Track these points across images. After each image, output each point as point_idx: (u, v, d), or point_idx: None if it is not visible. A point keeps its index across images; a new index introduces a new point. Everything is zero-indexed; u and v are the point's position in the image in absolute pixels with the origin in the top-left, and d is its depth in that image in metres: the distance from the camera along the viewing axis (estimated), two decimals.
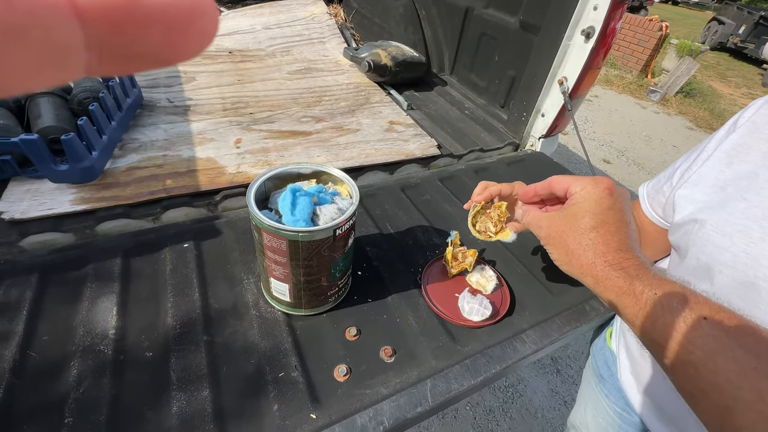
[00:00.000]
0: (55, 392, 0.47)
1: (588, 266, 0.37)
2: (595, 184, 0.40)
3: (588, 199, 0.40)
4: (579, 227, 0.38)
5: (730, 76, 6.09)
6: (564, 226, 0.40)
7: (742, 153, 0.48)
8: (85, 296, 0.58)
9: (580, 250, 0.37)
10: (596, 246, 0.37)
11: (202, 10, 0.10)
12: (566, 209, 0.41)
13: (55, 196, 0.74)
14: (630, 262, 0.36)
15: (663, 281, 0.34)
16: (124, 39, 0.09)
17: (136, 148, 0.90)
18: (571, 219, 0.40)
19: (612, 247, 0.37)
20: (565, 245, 0.39)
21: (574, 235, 0.38)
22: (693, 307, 0.32)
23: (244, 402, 0.49)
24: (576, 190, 0.41)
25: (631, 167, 3.14)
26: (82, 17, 0.08)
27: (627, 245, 0.37)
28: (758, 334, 0.30)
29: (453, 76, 1.52)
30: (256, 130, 1.03)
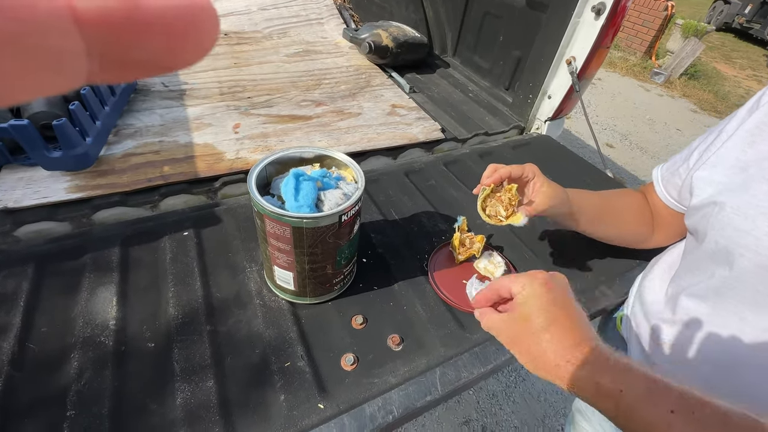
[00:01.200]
0: (56, 385, 0.46)
1: (554, 369, 0.35)
2: (532, 282, 0.39)
3: (530, 299, 0.38)
4: (532, 329, 0.37)
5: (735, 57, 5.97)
6: (518, 330, 0.38)
7: (766, 131, 0.46)
8: (83, 286, 0.57)
9: (542, 354, 0.36)
10: (554, 347, 0.35)
11: (203, 17, 0.10)
12: (515, 312, 0.39)
13: (50, 184, 0.71)
14: (590, 356, 0.34)
15: (625, 374, 0.32)
16: (124, 46, 0.09)
17: (131, 134, 0.87)
18: (522, 322, 0.38)
19: (567, 344, 0.35)
20: (526, 350, 0.37)
21: (531, 338, 0.37)
22: (658, 402, 0.30)
23: (249, 392, 0.48)
24: (517, 291, 0.39)
25: (634, 151, 3.11)
26: (81, 24, 0.08)
27: (581, 337, 0.35)
28: (728, 421, 0.28)
29: (456, 58, 1.48)
30: (254, 115, 1.00)
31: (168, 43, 0.10)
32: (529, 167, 0.57)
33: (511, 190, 0.56)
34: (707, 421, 0.29)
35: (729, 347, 0.45)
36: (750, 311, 0.43)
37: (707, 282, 0.47)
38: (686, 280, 0.52)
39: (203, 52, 0.10)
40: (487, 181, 0.57)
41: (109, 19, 0.09)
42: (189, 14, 0.10)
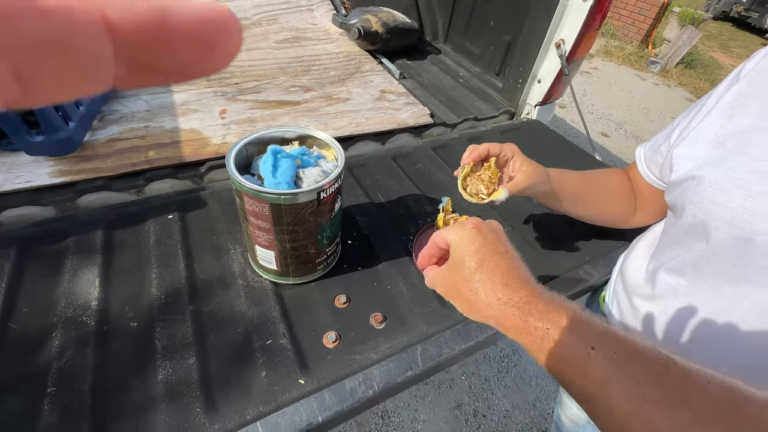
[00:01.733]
0: (38, 363, 0.46)
1: (485, 308, 0.35)
2: (463, 227, 0.39)
3: (461, 243, 0.38)
4: (464, 273, 0.37)
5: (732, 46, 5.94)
6: (453, 276, 0.38)
7: (744, 105, 0.46)
8: (66, 269, 0.57)
9: (474, 296, 0.36)
10: (485, 286, 0.35)
11: (228, 28, 0.10)
12: (449, 260, 0.39)
13: (32, 169, 0.71)
14: (520, 293, 0.34)
15: (553, 312, 0.32)
16: (152, 54, 0.09)
17: (116, 119, 0.86)
18: (455, 267, 0.38)
19: (498, 282, 0.35)
20: (460, 295, 0.37)
21: (464, 282, 0.37)
22: (582, 338, 0.30)
23: (231, 369, 0.48)
24: (451, 238, 0.39)
25: (629, 140, 3.11)
26: (113, 33, 0.09)
27: (512, 276, 0.35)
28: (647, 359, 0.28)
29: (447, 44, 1.47)
30: (241, 101, 0.99)
31: (194, 52, 0.10)
32: (508, 146, 0.57)
33: (491, 167, 0.56)
34: (625, 357, 0.29)
35: (707, 320, 0.46)
36: (726, 284, 0.43)
37: (684, 256, 0.48)
38: (665, 255, 0.52)
39: (227, 61, 0.11)
40: (466, 160, 0.57)
41: (140, 29, 0.09)
42: (215, 26, 0.10)
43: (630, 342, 0.29)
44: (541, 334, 0.32)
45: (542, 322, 0.32)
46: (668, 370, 0.27)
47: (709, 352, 0.46)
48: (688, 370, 0.27)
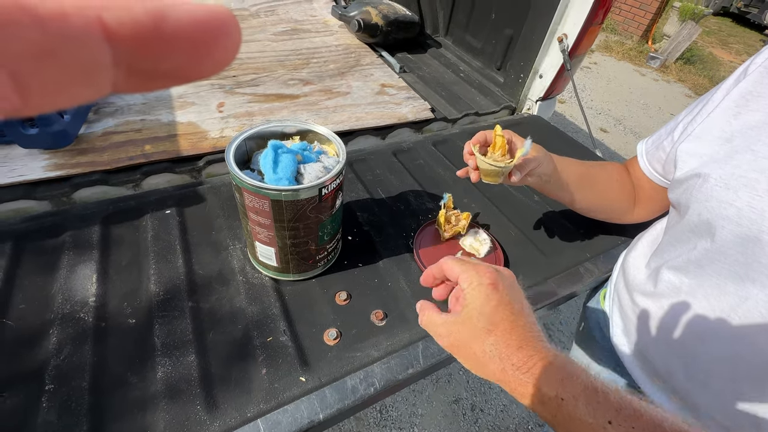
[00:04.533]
0: (35, 360, 0.46)
1: (499, 372, 0.33)
2: (480, 281, 0.36)
3: (476, 299, 0.35)
4: (476, 332, 0.35)
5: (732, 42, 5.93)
6: (464, 333, 0.35)
7: (752, 101, 0.45)
8: (62, 264, 0.56)
9: (487, 358, 0.34)
10: (499, 350, 0.33)
11: (226, 30, 0.10)
12: (462, 313, 0.36)
13: (27, 162, 0.70)
14: (535, 359, 0.32)
15: (567, 380, 0.31)
16: (150, 58, 0.09)
17: (111, 112, 0.85)
18: (468, 323, 0.35)
19: (513, 347, 0.33)
20: (470, 353, 0.35)
21: (475, 342, 0.35)
22: (598, 410, 0.29)
23: (231, 366, 0.48)
24: (464, 287, 0.36)
25: (627, 136, 3.10)
26: (110, 37, 0.08)
27: (527, 338, 0.34)
28: None
29: (447, 38, 1.45)
30: (239, 94, 0.97)
31: (193, 55, 0.10)
32: (505, 131, 0.56)
33: (496, 145, 0.54)
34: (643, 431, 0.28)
35: (709, 318, 0.45)
36: (731, 282, 0.43)
37: (688, 254, 0.48)
38: (668, 253, 0.52)
39: (226, 63, 0.11)
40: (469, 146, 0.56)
41: (137, 33, 0.09)
42: (213, 27, 0.10)
43: (648, 417, 0.28)
44: (556, 405, 0.30)
45: (556, 391, 0.31)
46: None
47: (711, 350, 0.46)
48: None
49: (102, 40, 0.08)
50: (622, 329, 0.59)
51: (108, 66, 0.09)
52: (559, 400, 0.30)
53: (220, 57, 0.11)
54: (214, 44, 0.10)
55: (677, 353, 0.50)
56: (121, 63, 0.09)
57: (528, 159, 0.53)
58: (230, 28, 0.10)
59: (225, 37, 0.10)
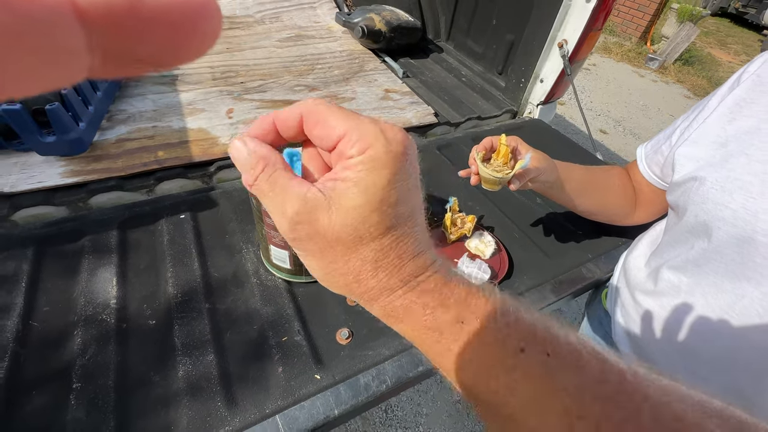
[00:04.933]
0: (61, 359, 0.48)
1: (376, 290, 0.22)
2: (387, 144, 0.20)
3: (383, 170, 0.20)
4: (372, 223, 0.20)
5: (730, 42, 5.97)
6: (342, 221, 0.20)
7: (745, 108, 0.47)
8: (83, 268, 0.58)
9: (369, 266, 0.21)
10: (390, 256, 0.21)
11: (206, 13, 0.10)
12: (351, 189, 0.20)
13: (44, 169, 0.72)
14: (431, 270, 0.22)
15: (471, 298, 0.22)
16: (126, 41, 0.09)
17: (124, 119, 0.87)
18: (361, 208, 0.20)
19: (410, 253, 0.22)
20: (342, 255, 0.21)
21: (363, 239, 0.21)
22: (507, 337, 0.21)
23: (248, 365, 0.50)
24: (354, 152, 0.20)
25: (627, 137, 3.13)
26: (84, 18, 0.08)
27: (427, 241, 0.23)
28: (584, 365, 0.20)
29: (449, 43, 1.48)
30: (247, 100, 1.00)
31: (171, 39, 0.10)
32: (512, 137, 0.58)
33: (500, 153, 0.56)
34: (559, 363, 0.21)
35: (708, 316, 0.47)
36: (728, 281, 0.45)
37: (687, 254, 0.50)
38: (667, 253, 0.54)
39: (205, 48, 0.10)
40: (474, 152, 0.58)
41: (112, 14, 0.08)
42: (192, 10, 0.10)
43: (567, 342, 0.21)
44: (454, 332, 0.21)
45: (457, 312, 0.22)
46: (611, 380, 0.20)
47: (710, 347, 0.47)
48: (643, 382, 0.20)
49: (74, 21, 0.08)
50: (623, 328, 0.61)
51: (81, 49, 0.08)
52: (459, 324, 0.21)
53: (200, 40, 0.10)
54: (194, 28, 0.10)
55: (677, 350, 0.51)
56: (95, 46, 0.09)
57: (528, 169, 0.55)
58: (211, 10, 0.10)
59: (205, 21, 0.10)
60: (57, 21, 0.08)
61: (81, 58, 0.09)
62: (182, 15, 0.09)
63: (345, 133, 0.20)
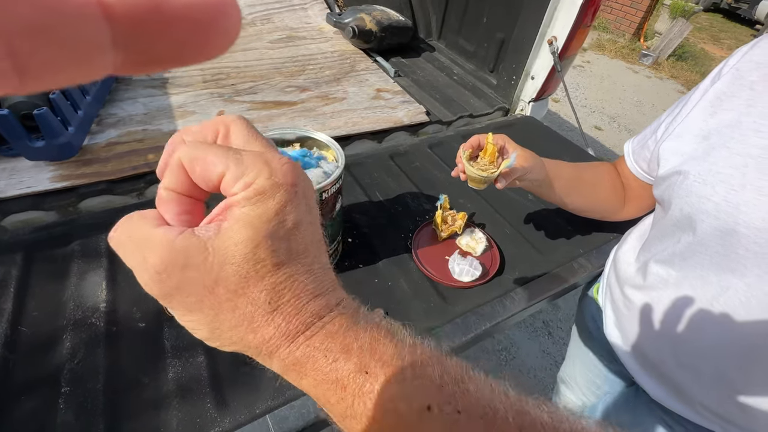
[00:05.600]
0: (50, 364, 0.48)
1: (275, 339, 0.19)
2: (273, 178, 0.18)
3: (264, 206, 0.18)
4: (252, 266, 0.18)
5: (723, 38, 6.00)
6: (220, 266, 0.18)
7: (726, 101, 0.48)
8: (72, 272, 0.58)
9: (259, 313, 0.19)
10: (282, 300, 0.19)
11: (226, 11, 0.10)
12: (227, 231, 0.18)
13: (33, 174, 0.72)
14: (334, 313, 0.20)
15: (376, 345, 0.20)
16: (149, 38, 0.09)
17: (114, 123, 0.87)
18: (236, 250, 0.18)
19: (308, 293, 0.20)
20: (224, 303, 0.19)
21: (247, 284, 0.18)
22: (414, 393, 0.19)
23: (239, 366, 0.49)
24: (236, 189, 0.18)
25: (622, 133, 3.14)
26: (109, 15, 0.08)
27: (328, 281, 0.21)
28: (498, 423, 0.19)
29: (440, 41, 1.48)
30: (238, 102, 1.00)
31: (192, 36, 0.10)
32: (500, 135, 0.58)
33: (487, 152, 0.56)
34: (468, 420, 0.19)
35: (695, 308, 0.48)
36: (713, 273, 0.46)
37: (673, 248, 0.50)
38: (655, 247, 0.54)
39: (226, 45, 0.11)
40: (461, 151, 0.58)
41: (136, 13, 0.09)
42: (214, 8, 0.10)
43: (478, 395, 0.19)
44: (357, 384, 0.19)
45: (360, 362, 0.19)
46: None
47: (699, 339, 0.48)
48: None
49: (100, 18, 0.08)
50: (614, 322, 0.61)
51: (107, 45, 0.09)
52: (363, 375, 0.19)
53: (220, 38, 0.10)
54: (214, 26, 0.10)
55: (667, 343, 0.52)
56: (119, 43, 0.09)
57: (514, 168, 0.56)
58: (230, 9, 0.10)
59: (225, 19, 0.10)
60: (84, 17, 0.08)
61: (106, 54, 0.09)
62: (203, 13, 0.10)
63: (226, 169, 0.18)
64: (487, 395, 0.19)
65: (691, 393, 0.50)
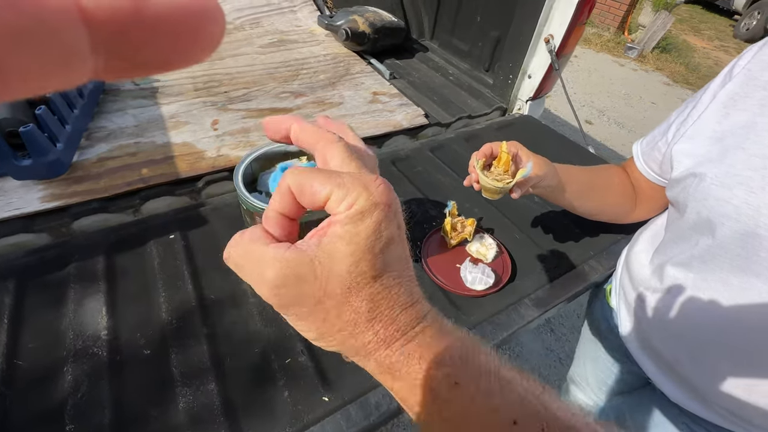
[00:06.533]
0: (51, 399, 0.45)
1: (372, 344, 0.21)
2: (371, 200, 0.20)
3: (363, 226, 0.20)
4: (355, 278, 0.20)
5: (703, 29, 6.11)
6: (327, 279, 0.20)
7: (739, 102, 0.47)
8: (69, 298, 0.55)
9: (362, 320, 0.21)
10: (380, 308, 0.21)
11: (209, 15, 0.10)
12: (329, 245, 0.20)
13: (22, 195, 0.68)
14: (424, 324, 0.22)
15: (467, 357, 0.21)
16: (130, 43, 0.09)
17: (104, 136, 0.83)
18: (341, 263, 0.20)
19: (401, 304, 0.21)
20: (331, 311, 0.21)
21: (349, 294, 0.20)
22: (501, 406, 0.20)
23: (253, 391, 0.47)
24: (341, 209, 0.20)
25: (612, 127, 3.17)
26: (89, 20, 0.08)
27: (417, 293, 0.22)
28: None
29: (433, 41, 1.46)
30: (232, 110, 0.97)
31: (175, 41, 0.10)
32: (512, 143, 0.57)
33: (501, 161, 0.55)
34: None
35: (715, 310, 0.47)
36: (734, 276, 0.45)
37: (691, 251, 0.49)
38: (671, 250, 0.53)
39: (209, 50, 0.10)
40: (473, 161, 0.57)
41: (116, 17, 0.09)
42: (196, 13, 0.10)
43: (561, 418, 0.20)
44: (448, 391, 0.20)
45: (450, 372, 0.21)
46: None
47: (719, 340, 0.47)
48: None
49: (79, 23, 0.08)
50: (630, 324, 0.61)
51: (86, 51, 0.09)
52: (454, 385, 0.20)
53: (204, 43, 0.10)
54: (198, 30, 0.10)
55: (686, 345, 0.51)
56: (100, 48, 0.09)
57: (529, 177, 0.54)
58: (214, 12, 0.10)
59: (209, 23, 0.10)
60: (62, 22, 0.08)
61: (85, 59, 0.09)
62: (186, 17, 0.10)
63: (331, 193, 0.20)
64: (568, 415, 0.21)
65: (711, 394, 0.50)
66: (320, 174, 0.21)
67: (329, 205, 0.21)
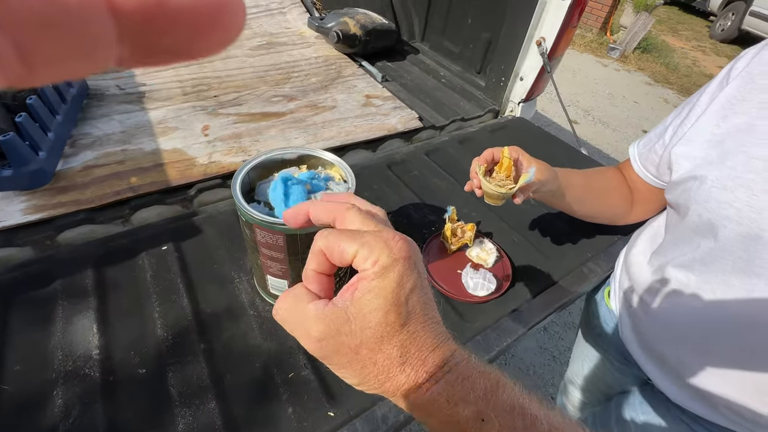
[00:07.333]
0: (40, 426, 0.42)
1: (406, 385, 0.23)
2: (392, 256, 0.23)
3: (387, 280, 0.23)
4: (384, 328, 0.23)
5: (681, 29, 6.28)
6: (361, 331, 0.23)
7: (738, 105, 0.48)
8: (57, 316, 0.52)
9: (395, 365, 0.23)
10: (409, 353, 0.23)
11: (231, 6, 0.10)
12: (359, 301, 0.23)
13: (3, 207, 0.65)
14: (450, 364, 0.24)
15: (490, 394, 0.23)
16: (154, 33, 0.09)
17: (89, 144, 0.80)
18: (370, 316, 0.23)
19: (428, 347, 0.24)
20: (366, 359, 0.23)
21: (381, 343, 0.23)
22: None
23: (256, 408, 0.46)
24: (367, 267, 0.23)
25: (597, 126, 3.23)
26: (116, 10, 0.09)
27: (442, 335, 0.25)
28: None
29: (425, 43, 1.46)
30: (223, 115, 0.95)
31: (197, 31, 0.10)
32: (513, 148, 0.57)
33: (503, 166, 0.55)
34: None
35: (717, 312, 0.48)
36: (736, 278, 0.45)
37: (693, 253, 0.50)
38: (672, 252, 0.54)
39: (230, 40, 0.11)
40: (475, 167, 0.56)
41: (141, 7, 0.09)
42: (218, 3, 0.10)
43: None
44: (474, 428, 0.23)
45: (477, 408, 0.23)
46: None
47: (724, 342, 0.48)
48: None
49: (106, 13, 0.08)
50: (630, 326, 0.61)
51: (112, 39, 0.09)
52: (480, 422, 0.22)
53: (224, 34, 0.10)
54: (218, 21, 0.10)
55: (689, 347, 0.52)
56: (124, 38, 0.09)
57: (531, 182, 0.54)
58: (234, 4, 0.10)
59: (229, 13, 0.10)
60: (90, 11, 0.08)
61: (110, 47, 0.09)
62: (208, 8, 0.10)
63: (357, 252, 0.23)
64: None
65: (715, 396, 0.50)
66: (346, 237, 0.24)
67: (356, 262, 0.24)
